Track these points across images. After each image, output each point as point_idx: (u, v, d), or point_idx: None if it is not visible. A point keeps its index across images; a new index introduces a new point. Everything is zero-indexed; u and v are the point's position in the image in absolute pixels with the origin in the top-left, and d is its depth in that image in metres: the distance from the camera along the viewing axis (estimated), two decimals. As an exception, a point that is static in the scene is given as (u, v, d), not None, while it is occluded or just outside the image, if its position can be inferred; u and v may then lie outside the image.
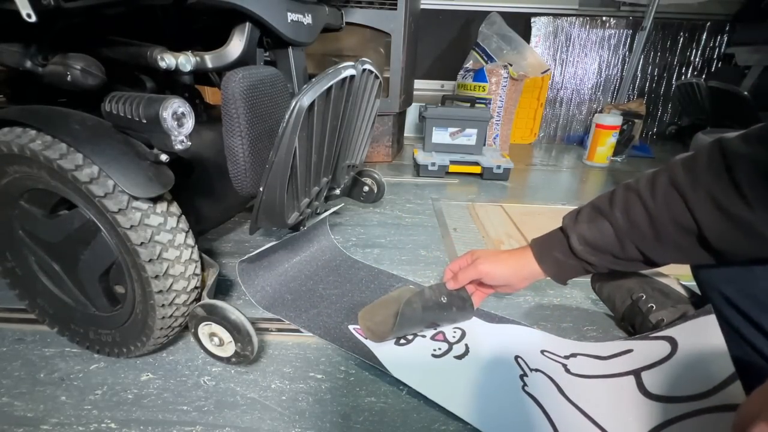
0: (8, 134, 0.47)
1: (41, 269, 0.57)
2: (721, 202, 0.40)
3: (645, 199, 0.46)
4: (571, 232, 0.52)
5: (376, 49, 1.50)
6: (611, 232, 0.49)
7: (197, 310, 0.53)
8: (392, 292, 0.73)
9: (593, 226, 0.51)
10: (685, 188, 0.43)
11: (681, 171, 0.44)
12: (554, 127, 2.22)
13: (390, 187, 1.31)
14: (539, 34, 2.07)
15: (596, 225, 0.51)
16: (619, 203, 0.49)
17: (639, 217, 0.47)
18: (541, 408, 0.50)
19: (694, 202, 0.42)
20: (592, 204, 0.53)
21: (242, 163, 0.57)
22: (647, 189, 0.47)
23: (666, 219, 0.45)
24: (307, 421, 0.49)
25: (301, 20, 0.68)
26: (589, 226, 0.51)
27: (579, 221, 0.52)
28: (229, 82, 0.52)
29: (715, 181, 0.41)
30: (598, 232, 0.50)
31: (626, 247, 0.49)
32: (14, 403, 0.50)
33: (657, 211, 0.45)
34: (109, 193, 0.45)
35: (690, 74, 2.16)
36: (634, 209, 0.47)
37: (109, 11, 0.51)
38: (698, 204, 0.42)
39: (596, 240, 0.50)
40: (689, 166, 0.44)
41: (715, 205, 0.41)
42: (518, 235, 1.01)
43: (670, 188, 0.45)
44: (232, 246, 0.91)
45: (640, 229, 0.47)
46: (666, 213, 0.45)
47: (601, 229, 0.50)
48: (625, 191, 0.49)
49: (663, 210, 0.45)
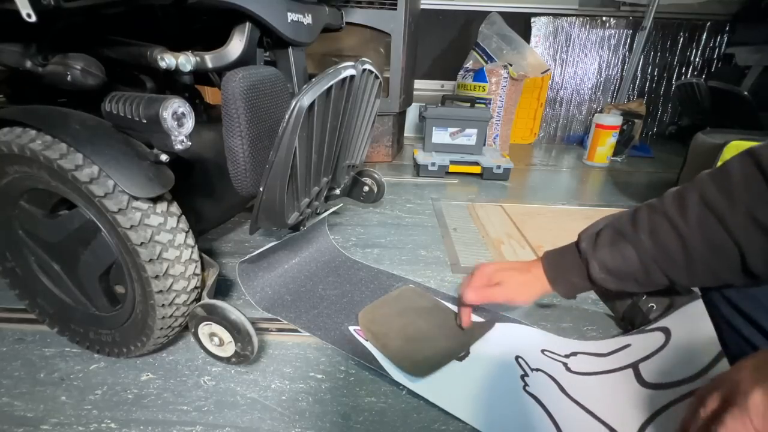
0: (8, 134, 0.47)
1: (41, 269, 0.57)
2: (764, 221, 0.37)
3: (675, 221, 0.43)
4: (591, 259, 0.48)
5: (376, 49, 1.50)
6: (635, 258, 0.46)
7: (197, 310, 0.53)
8: (392, 292, 0.73)
9: (615, 251, 0.47)
10: (721, 208, 0.40)
11: (713, 188, 0.41)
12: (554, 127, 2.22)
13: (390, 187, 1.31)
14: (539, 34, 2.07)
15: (619, 250, 0.47)
16: (644, 226, 0.45)
17: (669, 240, 0.43)
18: (543, 407, 0.50)
19: (733, 223, 0.39)
20: (613, 226, 0.49)
21: (242, 163, 0.57)
22: (676, 210, 0.43)
23: (700, 242, 0.41)
24: (307, 421, 0.49)
25: (301, 20, 0.68)
26: (611, 251, 0.47)
27: (599, 246, 0.48)
28: (229, 82, 0.52)
29: (756, 199, 0.38)
30: (621, 259, 0.46)
31: (652, 272, 0.45)
32: (14, 403, 0.50)
33: (690, 233, 0.42)
34: (109, 193, 0.45)
35: (690, 74, 2.16)
36: (663, 232, 0.44)
37: (109, 11, 0.51)
38: (738, 225, 0.39)
39: (619, 267, 0.47)
40: (722, 184, 0.41)
41: (758, 226, 0.38)
42: (518, 235, 1.01)
43: (703, 208, 0.41)
44: (232, 246, 0.91)
45: (670, 254, 0.43)
46: (700, 236, 0.41)
47: (624, 254, 0.46)
48: (649, 212, 0.46)
49: (696, 232, 0.41)
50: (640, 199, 1.30)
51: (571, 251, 0.52)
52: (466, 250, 0.93)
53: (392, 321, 0.64)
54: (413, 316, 0.66)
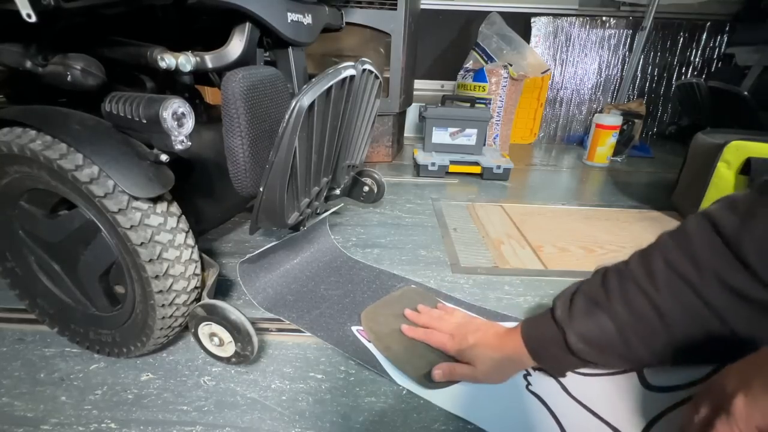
0: (8, 134, 0.47)
1: (41, 269, 0.57)
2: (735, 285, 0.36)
3: (646, 290, 0.41)
4: (567, 329, 0.45)
5: (376, 49, 1.50)
6: (613, 329, 0.43)
7: (197, 310, 0.53)
8: (395, 292, 0.73)
9: (592, 321, 0.44)
10: (688, 274, 0.39)
11: (677, 253, 0.40)
12: (554, 127, 2.22)
13: (390, 187, 1.31)
14: (539, 34, 2.07)
15: (595, 320, 0.44)
16: (616, 294, 0.43)
17: (644, 311, 0.41)
18: (546, 407, 0.50)
19: (706, 292, 0.38)
20: (584, 293, 0.46)
21: (242, 163, 0.57)
22: (645, 277, 0.41)
23: (677, 312, 0.39)
24: (307, 421, 0.49)
25: (301, 20, 0.68)
26: (587, 321, 0.44)
27: (574, 315, 0.45)
28: (229, 82, 0.52)
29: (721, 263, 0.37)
30: (599, 330, 0.43)
31: (632, 345, 0.42)
32: (14, 403, 0.50)
33: (663, 303, 0.40)
34: (109, 193, 0.45)
35: (690, 74, 2.16)
36: (637, 302, 0.41)
37: (109, 11, 0.51)
38: (710, 292, 0.37)
39: (599, 338, 0.43)
40: (684, 247, 0.40)
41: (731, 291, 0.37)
42: (518, 235, 1.01)
43: (671, 275, 0.40)
44: (232, 246, 0.91)
45: (650, 325, 0.41)
46: (675, 305, 0.39)
47: (601, 325, 0.43)
48: (619, 279, 0.43)
49: (670, 302, 0.40)
50: (640, 199, 1.30)
51: (548, 321, 0.48)
52: (466, 250, 0.93)
53: (395, 321, 0.64)
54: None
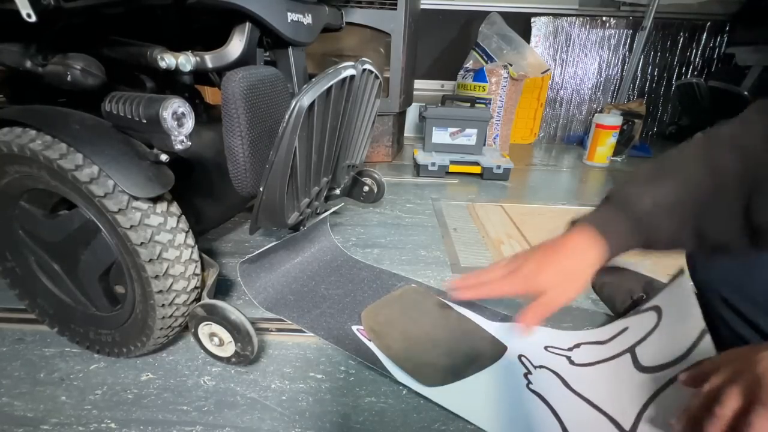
0: (8, 134, 0.47)
1: (41, 269, 0.57)
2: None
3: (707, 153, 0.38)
4: (633, 197, 0.40)
5: (376, 49, 1.50)
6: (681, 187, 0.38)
7: (197, 310, 0.53)
8: (395, 291, 0.73)
9: (659, 183, 0.39)
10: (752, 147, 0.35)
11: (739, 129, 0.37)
12: (554, 127, 2.22)
13: (390, 187, 1.31)
14: (539, 34, 2.07)
15: (662, 181, 0.39)
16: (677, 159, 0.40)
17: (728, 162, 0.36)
18: (547, 404, 0.50)
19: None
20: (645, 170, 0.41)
21: (242, 163, 0.57)
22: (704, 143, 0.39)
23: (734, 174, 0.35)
24: (307, 421, 0.49)
25: (301, 20, 0.68)
26: (654, 185, 0.39)
27: (637, 184, 0.40)
28: (229, 82, 0.52)
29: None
30: (666, 189, 0.39)
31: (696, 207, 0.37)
32: (14, 403, 0.50)
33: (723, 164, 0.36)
34: (109, 193, 0.45)
35: (690, 74, 2.16)
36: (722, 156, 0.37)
37: (109, 11, 0.51)
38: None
39: (666, 196, 0.38)
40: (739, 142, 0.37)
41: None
42: (518, 235, 1.01)
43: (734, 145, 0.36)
44: (232, 246, 0.91)
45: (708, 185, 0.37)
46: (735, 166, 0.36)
47: (668, 185, 0.39)
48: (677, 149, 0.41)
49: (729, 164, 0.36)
50: (640, 199, 1.30)
51: (604, 207, 0.42)
52: (466, 250, 0.93)
53: (395, 321, 0.64)
54: (416, 316, 0.66)
